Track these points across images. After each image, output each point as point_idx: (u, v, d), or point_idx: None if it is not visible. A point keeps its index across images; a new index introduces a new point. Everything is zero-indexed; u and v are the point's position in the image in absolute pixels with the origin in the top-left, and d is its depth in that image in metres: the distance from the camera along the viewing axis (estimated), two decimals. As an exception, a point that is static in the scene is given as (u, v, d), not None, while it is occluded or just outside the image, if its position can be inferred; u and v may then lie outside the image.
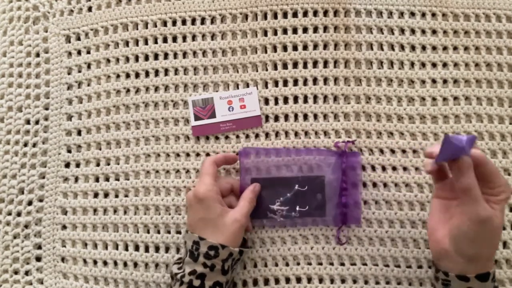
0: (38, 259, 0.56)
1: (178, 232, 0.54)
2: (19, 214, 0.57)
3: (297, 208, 0.53)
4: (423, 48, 0.57)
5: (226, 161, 0.53)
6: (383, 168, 0.54)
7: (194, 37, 0.58)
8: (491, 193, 0.41)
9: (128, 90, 0.58)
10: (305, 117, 0.56)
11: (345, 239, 0.53)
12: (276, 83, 0.57)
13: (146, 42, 0.58)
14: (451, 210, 0.43)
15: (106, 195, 0.57)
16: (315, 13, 0.57)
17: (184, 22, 0.58)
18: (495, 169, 0.41)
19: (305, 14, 0.57)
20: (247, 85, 0.57)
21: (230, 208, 0.50)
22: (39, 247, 0.56)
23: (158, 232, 0.55)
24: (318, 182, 0.53)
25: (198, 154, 0.56)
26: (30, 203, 0.57)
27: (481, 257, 0.42)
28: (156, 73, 0.58)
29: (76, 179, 0.57)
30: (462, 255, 0.42)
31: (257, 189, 0.52)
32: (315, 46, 0.57)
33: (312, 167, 0.53)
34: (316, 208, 0.53)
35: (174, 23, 0.58)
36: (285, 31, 0.57)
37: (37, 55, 0.60)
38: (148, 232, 0.55)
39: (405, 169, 0.54)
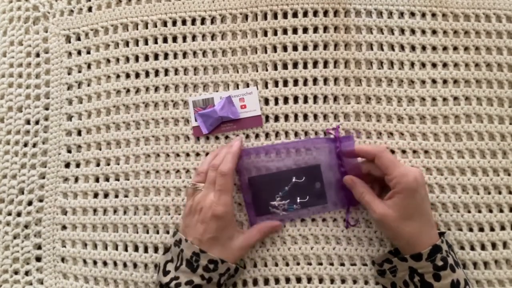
0: (38, 259, 0.56)
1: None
2: (19, 214, 0.57)
3: (298, 200, 0.53)
4: (423, 48, 0.56)
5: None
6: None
7: (194, 37, 0.58)
8: (391, 185, 0.45)
9: (128, 90, 0.58)
10: (305, 117, 0.56)
11: (353, 222, 0.53)
12: (276, 83, 0.57)
13: (146, 42, 0.58)
14: None
15: (106, 195, 0.57)
16: (315, 13, 0.57)
17: (184, 22, 0.58)
18: (389, 161, 0.46)
19: (305, 14, 0.57)
20: (247, 85, 0.57)
21: (240, 230, 0.51)
22: (39, 247, 0.56)
23: (157, 232, 0.54)
24: (314, 171, 0.53)
25: (198, 154, 0.56)
26: (30, 203, 0.57)
27: (400, 245, 0.47)
28: (156, 73, 0.58)
29: (76, 179, 0.57)
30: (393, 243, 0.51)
31: (275, 225, 0.52)
32: (315, 46, 0.57)
33: (307, 157, 0.53)
34: (316, 196, 0.53)
35: (174, 23, 0.58)
36: (285, 31, 0.57)
37: (37, 55, 0.60)
38: (148, 232, 0.55)
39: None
